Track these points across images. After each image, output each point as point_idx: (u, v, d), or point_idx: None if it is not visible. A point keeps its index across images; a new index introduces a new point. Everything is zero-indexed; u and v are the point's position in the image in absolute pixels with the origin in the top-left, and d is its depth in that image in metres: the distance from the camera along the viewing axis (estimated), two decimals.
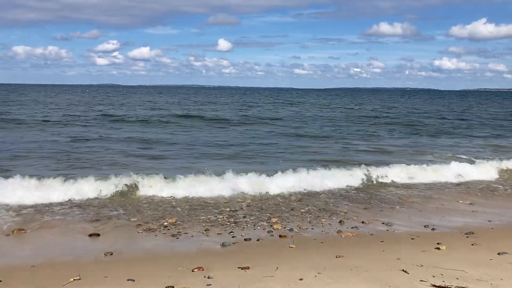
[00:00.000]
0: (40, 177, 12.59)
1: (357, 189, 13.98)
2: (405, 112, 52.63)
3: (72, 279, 6.92)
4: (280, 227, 10.02)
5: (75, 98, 75.29)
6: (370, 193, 13.56)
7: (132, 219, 10.44)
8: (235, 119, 38.05)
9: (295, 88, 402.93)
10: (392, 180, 15.05)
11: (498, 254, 8.08)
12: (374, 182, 14.74)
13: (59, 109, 45.89)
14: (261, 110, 53.25)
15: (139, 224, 10.08)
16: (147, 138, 24.43)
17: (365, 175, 14.92)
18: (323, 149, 21.91)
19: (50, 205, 11.26)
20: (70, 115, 37.50)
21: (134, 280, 6.87)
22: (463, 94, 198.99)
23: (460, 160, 17.89)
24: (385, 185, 14.61)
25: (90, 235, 9.33)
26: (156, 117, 37.46)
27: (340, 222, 10.55)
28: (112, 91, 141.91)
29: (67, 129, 28.14)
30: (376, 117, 43.37)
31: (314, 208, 11.76)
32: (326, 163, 16.53)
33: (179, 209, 11.35)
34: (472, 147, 24.07)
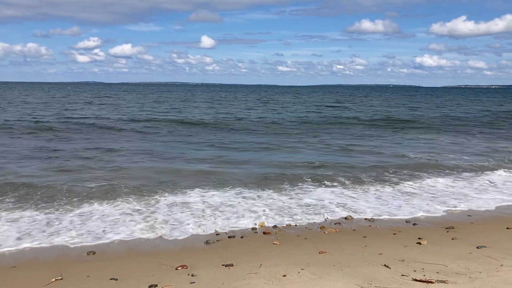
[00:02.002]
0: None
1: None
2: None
3: (54, 279, 6.86)
4: (264, 224, 10.05)
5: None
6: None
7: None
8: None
9: (278, 86, 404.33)
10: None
11: (477, 248, 8.25)
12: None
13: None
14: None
15: None
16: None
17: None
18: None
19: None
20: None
21: (117, 279, 6.83)
22: (446, 91, 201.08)
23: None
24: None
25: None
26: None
27: (324, 219, 10.62)
28: (93, 88, 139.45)
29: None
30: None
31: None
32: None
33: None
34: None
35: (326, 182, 14.10)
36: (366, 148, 21.64)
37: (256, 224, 10.02)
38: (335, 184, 13.98)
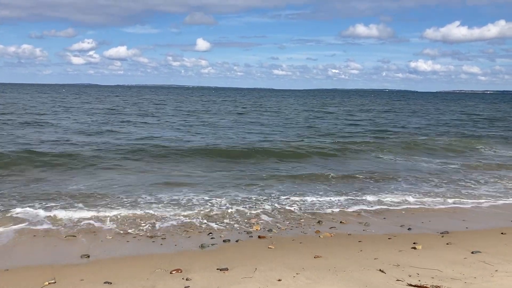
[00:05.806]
0: None
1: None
2: None
3: (47, 283, 6.79)
4: (259, 228, 10.03)
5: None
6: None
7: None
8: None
9: (275, 89, 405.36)
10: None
11: (472, 253, 8.25)
12: None
13: None
14: None
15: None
16: None
17: None
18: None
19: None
20: None
21: (111, 283, 6.78)
22: (442, 96, 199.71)
23: None
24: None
25: (66, 237, 9.17)
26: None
27: (318, 222, 10.61)
28: (83, 91, 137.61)
29: None
30: None
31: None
32: None
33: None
34: None
35: None
36: None
37: (251, 228, 10.00)
38: None
